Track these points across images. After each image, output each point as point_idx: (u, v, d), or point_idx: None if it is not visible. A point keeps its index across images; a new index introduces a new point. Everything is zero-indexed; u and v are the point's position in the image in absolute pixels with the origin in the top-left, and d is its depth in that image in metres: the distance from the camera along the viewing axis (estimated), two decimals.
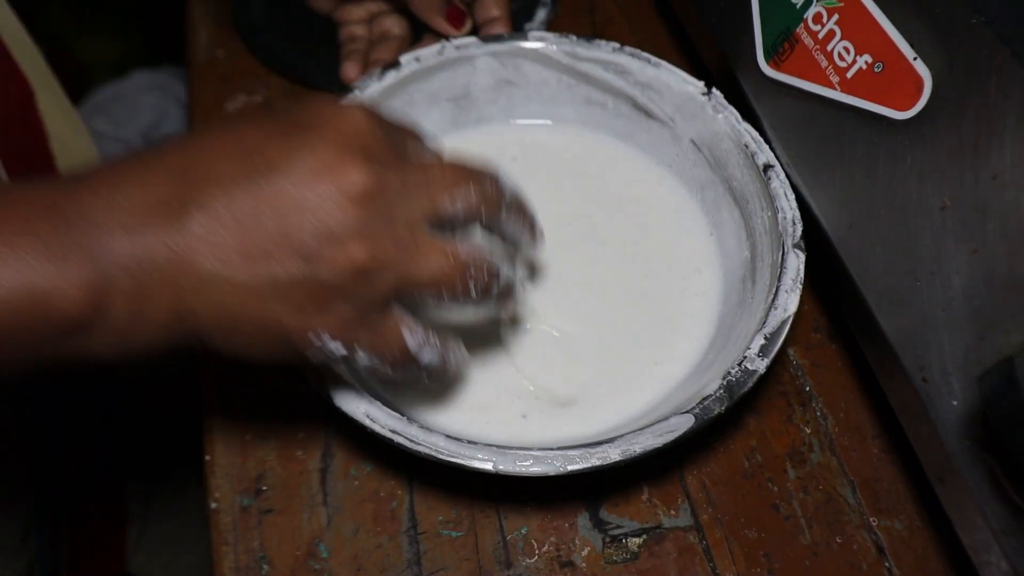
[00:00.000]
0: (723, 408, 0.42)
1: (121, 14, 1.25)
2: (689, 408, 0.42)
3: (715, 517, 0.48)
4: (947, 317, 0.42)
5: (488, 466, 0.41)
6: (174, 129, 1.06)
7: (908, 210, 0.44)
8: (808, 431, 0.51)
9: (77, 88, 1.11)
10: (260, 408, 0.51)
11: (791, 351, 0.54)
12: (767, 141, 0.52)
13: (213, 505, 0.48)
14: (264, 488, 0.48)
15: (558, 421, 0.48)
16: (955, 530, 0.43)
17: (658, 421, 0.42)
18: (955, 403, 0.41)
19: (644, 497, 0.48)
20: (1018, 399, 0.34)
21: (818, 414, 0.51)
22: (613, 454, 0.41)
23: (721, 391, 0.43)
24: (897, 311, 0.44)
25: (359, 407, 0.42)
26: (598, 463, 0.41)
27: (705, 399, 0.42)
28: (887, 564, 0.47)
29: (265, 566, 0.46)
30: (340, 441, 0.50)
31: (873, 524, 0.48)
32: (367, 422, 0.42)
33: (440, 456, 0.41)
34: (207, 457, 0.50)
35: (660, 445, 0.41)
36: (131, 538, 0.82)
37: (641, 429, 0.41)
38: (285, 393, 0.51)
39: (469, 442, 0.41)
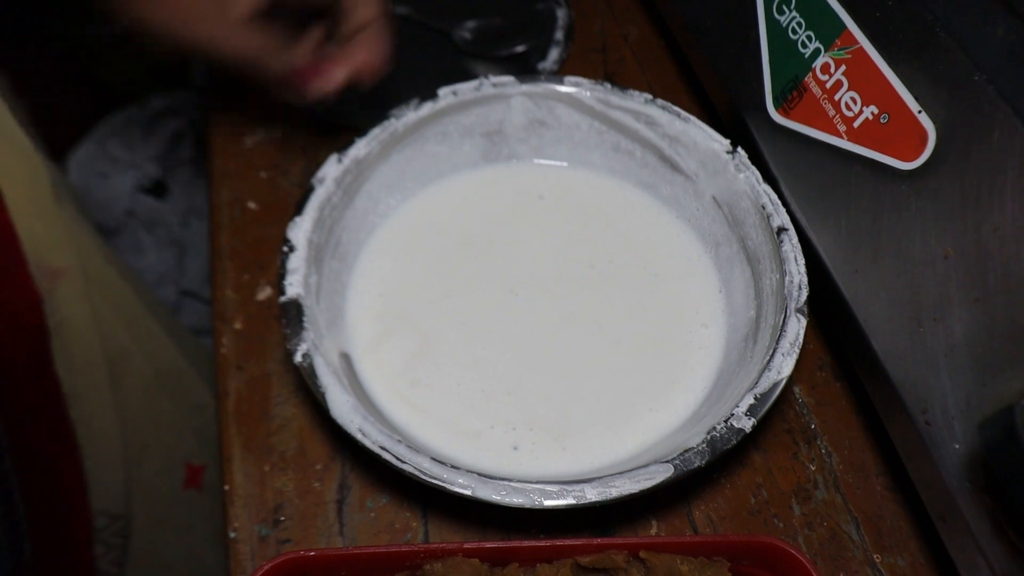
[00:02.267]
0: (703, 462, 0.44)
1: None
2: (670, 458, 0.43)
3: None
4: (949, 363, 0.43)
5: (468, 492, 0.43)
6: (189, 154, 1.08)
7: (912, 258, 0.45)
8: (813, 468, 0.52)
9: (94, 108, 1.13)
10: (278, 440, 0.52)
11: (796, 389, 0.55)
12: (778, 192, 0.53)
13: (232, 534, 0.50)
14: (282, 519, 0.49)
15: (547, 456, 0.50)
16: (957, 569, 0.44)
17: (638, 468, 0.43)
18: (957, 446, 0.43)
19: (652, 531, 0.49)
20: (1018, 448, 0.35)
21: (823, 451, 0.53)
22: (590, 494, 0.42)
23: (704, 445, 0.44)
24: (901, 355, 0.46)
25: (353, 422, 0.44)
26: (573, 501, 0.42)
27: (687, 451, 0.44)
28: None
29: None
30: (357, 473, 0.51)
31: (876, 561, 0.49)
32: (359, 436, 0.44)
33: (422, 477, 0.43)
34: (226, 487, 0.51)
35: (636, 491, 0.43)
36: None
37: (620, 473, 0.43)
38: (303, 425, 0.52)
39: (452, 466, 0.43)
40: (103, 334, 0.70)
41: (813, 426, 0.54)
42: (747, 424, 0.44)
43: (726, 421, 0.44)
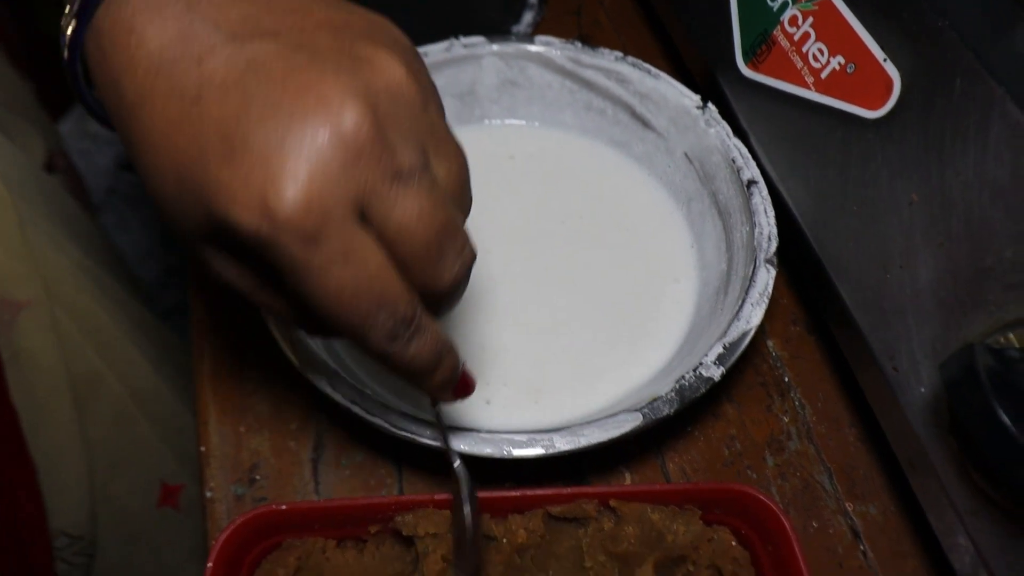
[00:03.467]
0: (672, 411, 0.44)
1: None
2: (639, 407, 0.44)
3: None
4: (915, 308, 0.44)
5: (436, 443, 0.43)
6: None
7: (879, 206, 0.46)
8: (787, 420, 0.52)
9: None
10: (253, 401, 0.52)
11: (770, 343, 0.55)
12: (748, 146, 0.53)
13: (208, 494, 0.50)
14: (257, 478, 0.50)
15: (520, 411, 0.50)
16: (925, 513, 0.45)
17: (607, 417, 0.43)
18: (923, 390, 0.43)
19: (626, 482, 0.50)
20: (977, 386, 0.35)
21: (796, 404, 0.53)
22: (559, 443, 0.43)
23: (672, 394, 0.44)
24: (868, 303, 0.46)
25: (323, 376, 0.45)
26: (542, 451, 0.43)
27: (655, 400, 0.44)
28: (862, 548, 0.48)
29: None
30: (331, 433, 0.51)
31: (849, 509, 0.50)
32: (329, 390, 0.44)
33: (391, 429, 0.43)
34: (202, 448, 0.51)
35: (605, 439, 0.43)
36: None
37: (590, 422, 0.43)
38: (278, 386, 0.52)
39: (421, 419, 0.43)
40: (69, 360, 0.70)
41: (787, 379, 0.54)
42: (716, 373, 0.45)
43: (695, 370, 0.45)
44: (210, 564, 0.41)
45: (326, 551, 0.44)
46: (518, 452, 0.42)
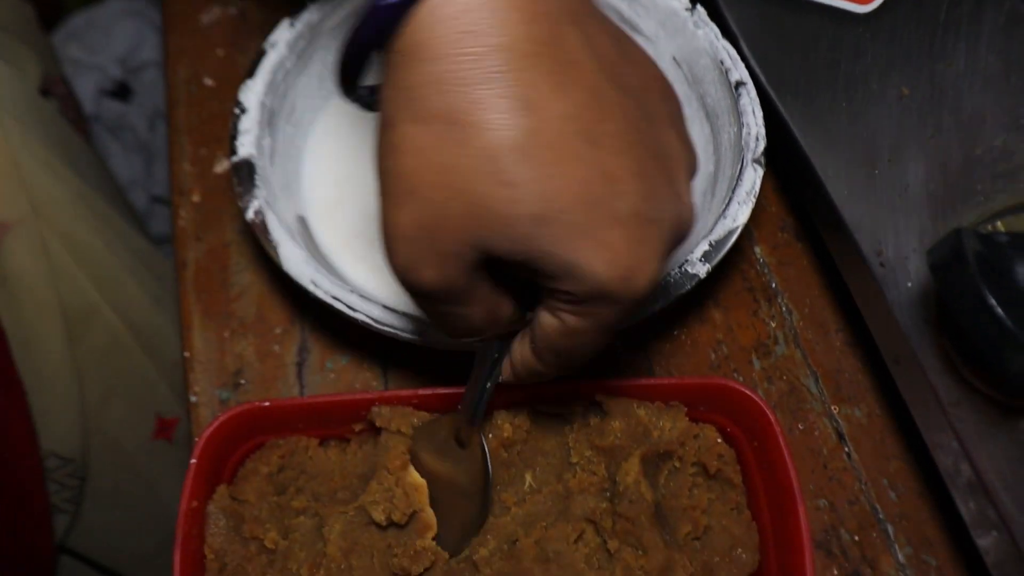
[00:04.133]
0: (657, 306, 0.44)
1: None
2: None
3: None
4: (903, 203, 0.43)
5: (418, 338, 0.43)
6: (151, 56, 1.06)
7: (869, 101, 0.45)
8: (773, 325, 0.52)
9: (50, 14, 1.10)
10: (238, 306, 0.52)
11: (757, 249, 0.55)
12: (737, 48, 0.52)
13: (192, 399, 0.50)
14: (242, 382, 0.50)
15: None
16: (910, 412, 0.45)
17: None
18: (909, 285, 0.43)
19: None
20: (963, 268, 0.35)
21: (783, 309, 0.53)
22: None
23: (658, 290, 0.44)
24: (856, 200, 0.46)
25: (304, 274, 0.44)
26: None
27: None
28: (846, 449, 0.49)
29: None
30: (316, 336, 0.51)
31: (834, 412, 0.50)
32: (311, 287, 0.44)
33: (374, 325, 0.43)
34: (186, 354, 0.51)
35: None
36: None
37: None
38: (262, 292, 0.52)
39: (403, 313, 0.43)
40: (61, 290, 0.69)
41: (774, 285, 0.54)
42: (701, 269, 0.44)
43: (680, 267, 0.44)
44: (194, 460, 0.41)
45: (309, 450, 0.44)
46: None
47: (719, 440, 0.44)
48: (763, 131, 0.49)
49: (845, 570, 0.46)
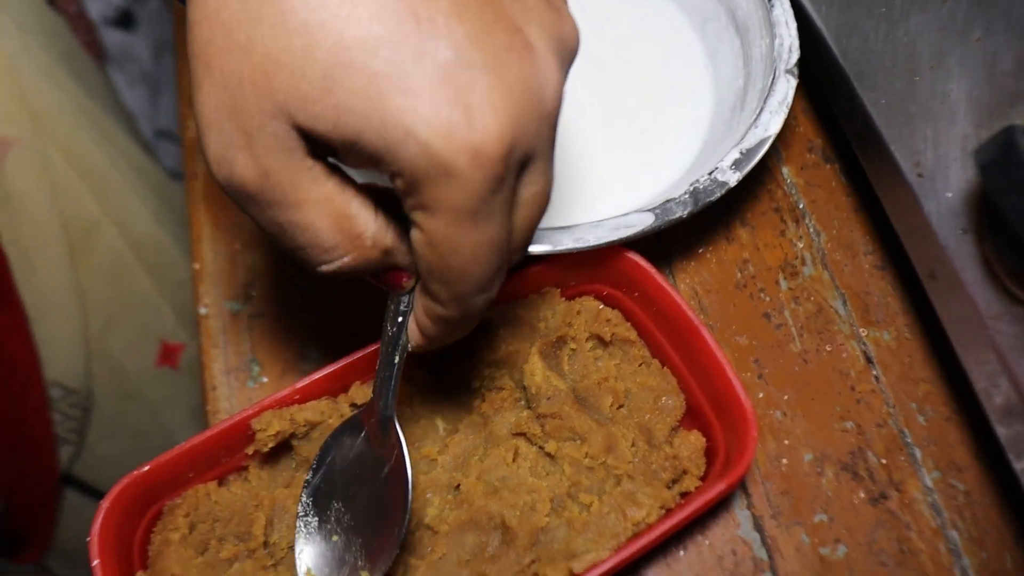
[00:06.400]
0: (685, 213, 0.42)
1: None
2: (651, 207, 0.42)
3: (706, 324, 0.48)
4: (945, 109, 0.41)
5: None
6: None
7: (910, 4, 0.43)
8: (801, 246, 0.51)
9: None
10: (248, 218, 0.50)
11: (785, 169, 0.53)
12: None
13: (202, 311, 0.48)
14: (254, 294, 0.48)
15: None
16: (944, 333, 0.43)
17: (618, 216, 0.42)
18: (949, 195, 0.41)
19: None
20: (1015, 163, 0.33)
21: (811, 230, 0.51)
22: (565, 240, 0.41)
23: (686, 196, 0.42)
24: (894, 110, 0.44)
25: None
26: (549, 247, 0.41)
27: (669, 201, 0.42)
28: (874, 372, 0.47)
29: (255, 367, 0.47)
30: None
31: (862, 335, 0.48)
32: None
33: None
34: (196, 265, 0.49)
35: (615, 239, 0.41)
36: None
37: (600, 222, 0.41)
38: None
39: None
40: (63, 206, 0.67)
41: (801, 206, 0.52)
42: (731, 177, 0.43)
43: (710, 174, 0.43)
44: (96, 562, 0.36)
45: (211, 495, 0.41)
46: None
47: (601, 307, 0.44)
48: (796, 42, 0.47)
49: (871, 493, 0.44)
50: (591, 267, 0.43)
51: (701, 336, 0.40)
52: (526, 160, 0.27)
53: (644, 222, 0.41)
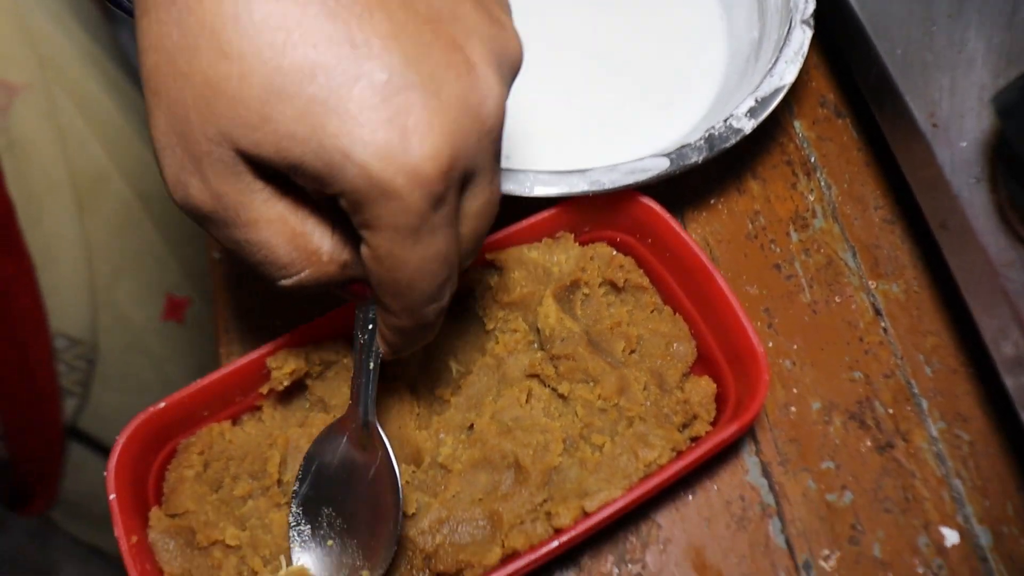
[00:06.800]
0: (700, 158, 0.42)
1: None
2: (666, 152, 0.42)
3: None
4: (962, 58, 0.41)
5: None
6: None
7: None
8: (812, 199, 0.51)
9: None
10: None
11: (797, 123, 0.53)
12: None
13: (216, 255, 0.48)
14: None
15: (538, 167, 0.48)
16: (953, 284, 0.44)
17: (633, 161, 0.42)
18: (963, 144, 0.41)
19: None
20: None
21: (822, 184, 0.51)
22: (580, 183, 0.41)
23: (701, 142, 0.43)
24: (910, 60, 0.44)
25: None
26: (565, 190, 0.41)
27: (684, 147, 0.42)
28: (883, 324, 0.48)
29: (267, 310, 0.47)
30: None
31: (871, 287, 0.48)
32: None
33: None
34: None
35: (630, 183, 0.41)
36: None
37: (615, 165, 0.41)
38: None
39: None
40: (71, 154, 0.67)
41: (813, 159, 0.52)
42: (746, 125, 0.43)
43: (725, 121, 0.43)
44: (112, 496, 0.37)
45: (225, 434, 0.41)
46: (541, 190, 0.41)
47: (614, 253, 0.44)
48: None
49: (878, 441, 0.45)
50: (605, 213, 0.43)
51: (714, 280, 0.40)
52: (468, 175, 0.28)
53: (659, 167, 0.41)
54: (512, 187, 0.40)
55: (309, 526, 0.37)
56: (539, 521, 0.37)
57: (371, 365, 0.35)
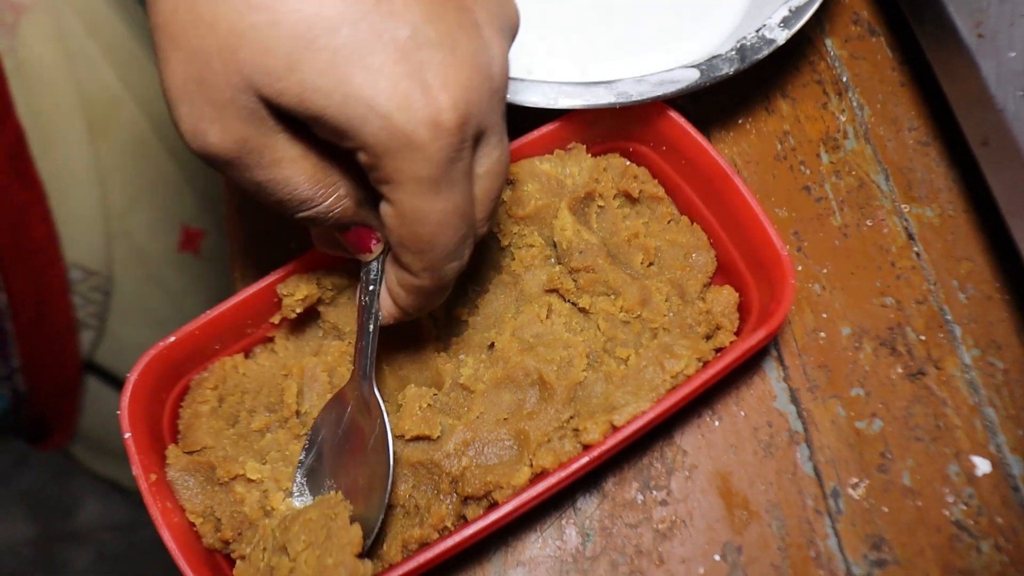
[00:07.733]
0: (731, 69, 0.40)
1: None
2: (696, 64, 0.40)
3: None
4: None
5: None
6: None
7: None
8: (843, 119, 0.49)
9: None
10: None
11: (828, 41, 0.51)
12: None
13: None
14: None
15: (565, 79, 0.46)
16: (992, 204, 0.42)
17: (662, 71, 0.40)
18: (1012, 54, 0.39)
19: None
20: None
21: (854, 104, 0.49)
22: (607, 96, 0.39)
23: (733, 52, 0.41)
24: None
25: None
26: (592, 101, 0.40)
27: (715, 58, 0.40)
28: (916, 249, 0.46)
29: (283, 233, 0.46)
30: None
31: (904, 211, 0.47)
32: None
33: None
34: None
35: (658, 95, 0.40)
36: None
37: (642, 77, 0.40)
38: None
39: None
40: (82, 79, 0.65)
41: (845, 79, 0.50)
42: (780, 35, 0.41)
43: (757, 31, 0.41)
44: (128, 435, 0.36)
45: (238, 367, 0.40)
46: (565, 102, 0.39)
47: (628, 163, 0.43)
48: None
49: (910, 368, 0.44)
50: (617, 122, 0.41)
51: (734, 185, 0.39)
52: (480, 133, 0.29)
53: (689, 78, 0.39)
54: (536, 99, 0.39)
55: (312, 496, 0.37)
56: (567, 438, 0.36)
57: (371, 327, 0.35)
